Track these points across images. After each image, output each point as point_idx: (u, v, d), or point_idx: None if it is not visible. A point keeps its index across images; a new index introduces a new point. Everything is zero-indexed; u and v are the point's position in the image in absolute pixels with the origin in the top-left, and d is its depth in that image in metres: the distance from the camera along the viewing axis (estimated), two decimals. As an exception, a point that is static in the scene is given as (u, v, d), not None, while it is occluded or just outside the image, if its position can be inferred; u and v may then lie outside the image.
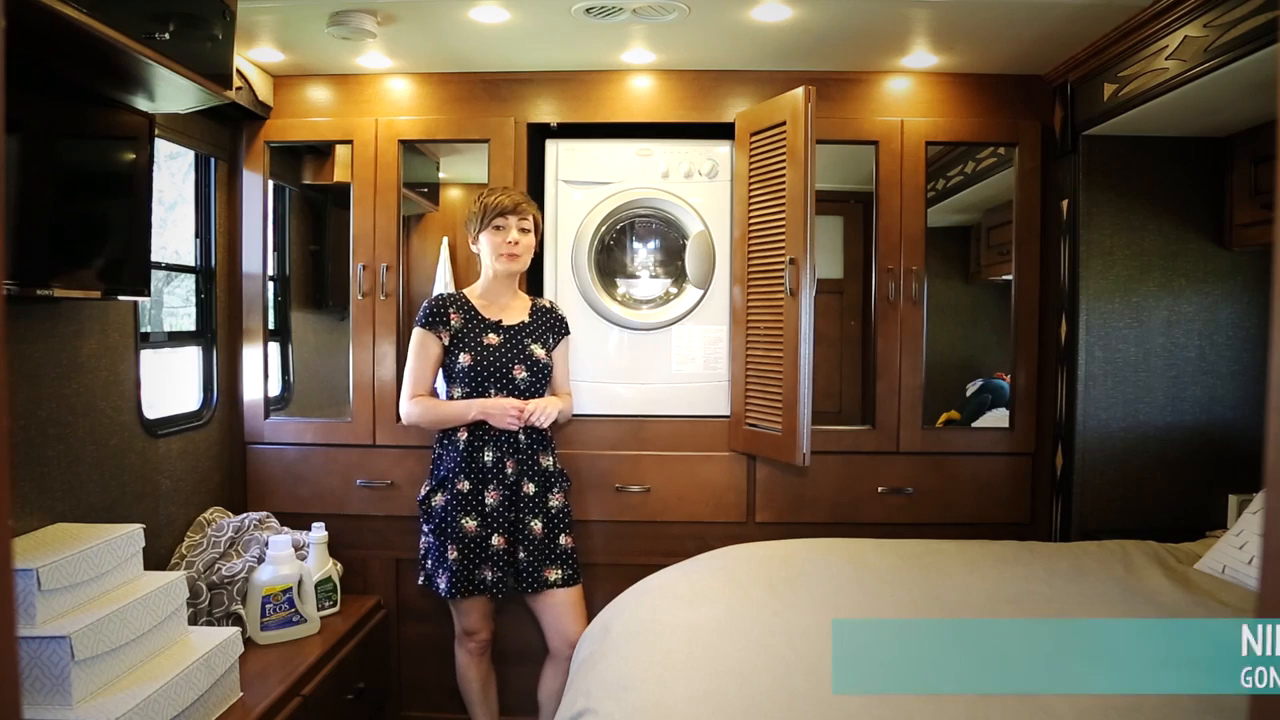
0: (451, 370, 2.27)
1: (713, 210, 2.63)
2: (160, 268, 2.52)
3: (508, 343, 2.28)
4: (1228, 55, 1.83)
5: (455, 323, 2.27)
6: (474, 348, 2.26)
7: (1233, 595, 1.93)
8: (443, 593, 2.25)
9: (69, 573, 1.62)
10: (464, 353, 2.25)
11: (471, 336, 2.27)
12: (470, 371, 2.25)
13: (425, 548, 2.31)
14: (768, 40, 2.37)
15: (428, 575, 2.31)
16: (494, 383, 2.25)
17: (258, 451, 2.71)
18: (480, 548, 2.24)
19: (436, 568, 2.27)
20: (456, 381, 2.27)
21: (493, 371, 2.25)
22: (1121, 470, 2.56)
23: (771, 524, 2.63)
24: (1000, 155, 2.76)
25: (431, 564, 2.29)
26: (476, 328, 2.28)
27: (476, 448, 2.25)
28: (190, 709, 1.74)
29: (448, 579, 2.24)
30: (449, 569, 2.23)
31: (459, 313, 2.28)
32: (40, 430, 1.89)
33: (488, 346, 2.27)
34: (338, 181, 2.86)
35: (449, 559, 2.23)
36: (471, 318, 2.29)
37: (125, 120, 1.96)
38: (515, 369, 2.27)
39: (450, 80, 2.66)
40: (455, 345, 2.26)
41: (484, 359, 2.25)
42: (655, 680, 1.60)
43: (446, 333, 2.27)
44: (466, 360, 2.25)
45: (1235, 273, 2.55)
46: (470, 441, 2.25)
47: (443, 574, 2.25)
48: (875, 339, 2.64)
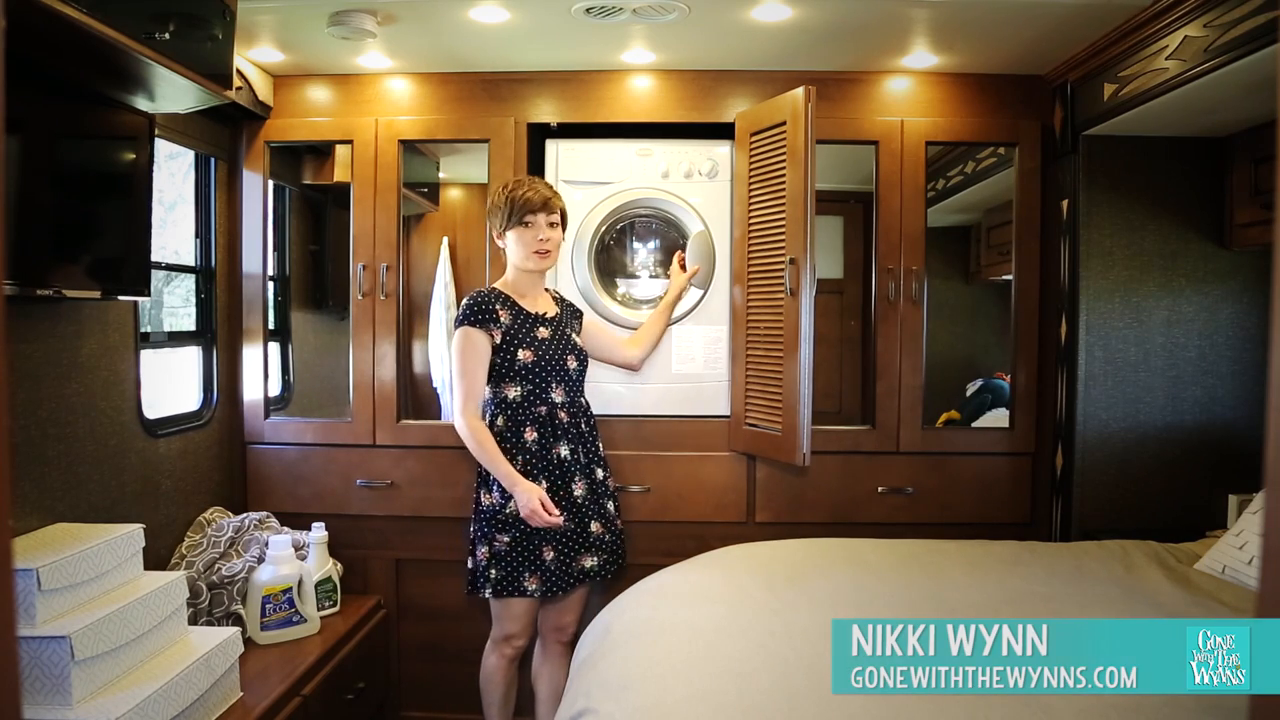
0: (509, 368, 2.19)
1: (713, 210, 2.63)
2: (160, 268, 2.52)
3: (556, 335, 2.25)
4: (1228, 55, 1.83)
5: (505, 319, 2.19)
6: (531, 343, 2.19)
7: (1233, 595, 1.93)
8: (533, 594, 2.18)
9: (69, 573, 1.62)
10: (522, 349, 2.18)
11: (525, 331, 2.20)
12: (533, 368, 2.18)
13: (490, 556, 2.18)
14: (768, 40, 2.37)
15: (502, 581, 2.17)
16: (554, 376, 2.21)
17: (258, 451, 2.71)
18: (580, 539, 2.21)
19: (522, 571, 2.16)
20: (515, 379, 2.19)
21: (552, 366, 2.21)
22: (1121, 470, 2.56)
23: (771, 524, 2.63)
24: (1000, 155, 2.76)
25: (508, 570, 2.16)
26: (526, 322, 2.21)
27: (547, 445, 2.20)
28: (190, 709, 1.74)
29: (541, 579, 2.17)
30: (544, 569, 2.17)
31: (505, 309, 2.20)
32: (40, 430, 1.89)
33: (543, 341, 2.21)
34: (338, 181, 2.86)
35: (545, 560, 2.17)
36: (519, 313, 2.22)
37: (125, 120, 1.96)
38: (568, 360, 2.24)
39: (450, 80, 2.66)
40: (510, 342, 2.18)
41: (543, 354, 2.20)
42: (655, 680, 1.60)
43: (498, 330, 2.18)
44: (528, 356, 2.18)
45: (1235, 273, 2.55)
46: (541, 440, 2.19)
47: (533, 576, 2.17)
48: (875, 339, 2.64)
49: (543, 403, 2.20)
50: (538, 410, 2.20)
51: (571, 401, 2.25)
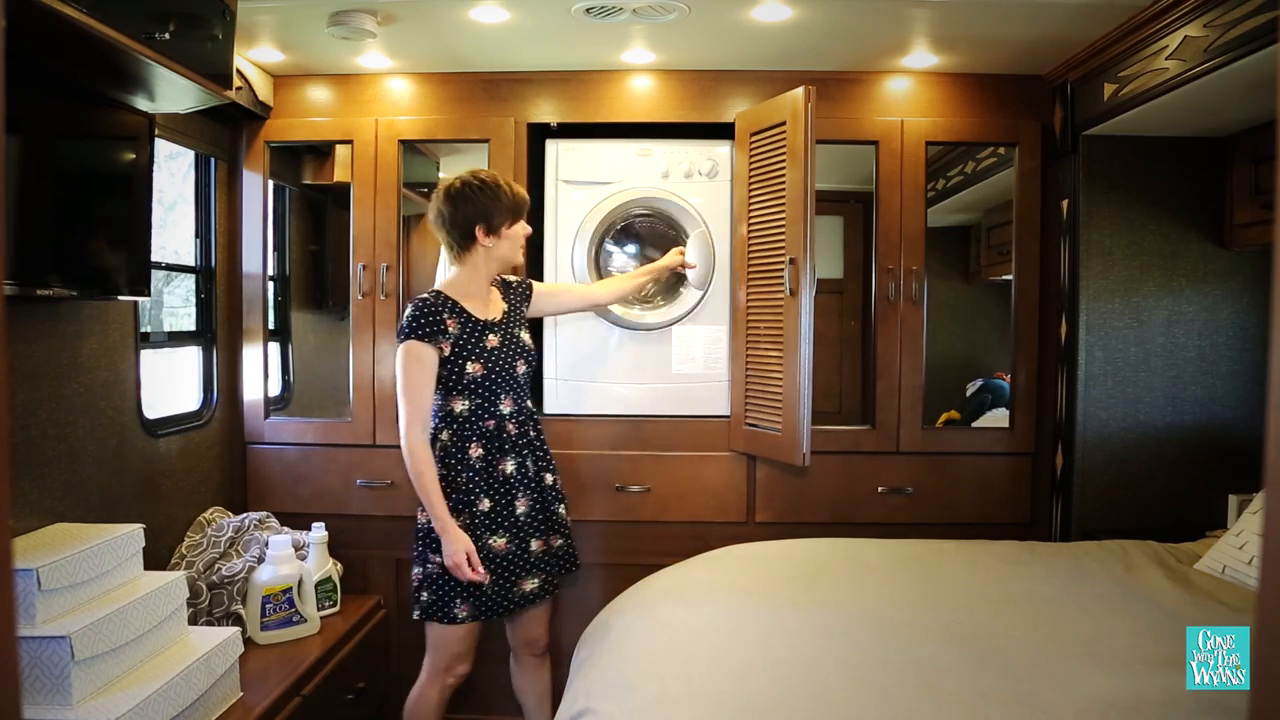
0: (456, 382, 2.04)
1: (713, 210, 2.62)
2: (160, 268, 2.52)
3: (505, 340, 2.10)
4: (1228, 55, 1.83)
5: (453, 329, 2.02)
6: (480, 355, 2.04)
7: (1233, 595, 1.93)
8: (465, 621, 2.03)
9: (69, 573, 1.62)
10: (471, 362, 2.03)
11: (474, 342, 2.04)
12: (483, 381, 2.05)
13: (425, 576, 2.05)
14: (768, 40, 2.37)
15: (432, 605, 2.04)
16: (503, 387, 2.08)
17: (258, 451, 2.71)
18: (518, 562, 2.09)
19: (453, 596, 2.02)
20: (463, 393, 2.04)
21: (501, 376, 2.07)
22: (1121, 470, 2.56)
23: (771, 524, 2.63)
24: (1000, 155, 2.77)
25: (439, 594, 2.03)
26: (475, 331, 2.06)
27: (493, 461, 2.07)
28: (190, 709, 1.74)
29: (474, 606, 2.03)
30: (478, 595, 2.03)
31: (454, 317, 2.03)
32: (40, 430, 1.89)
33: (492, 351, 2.07)
34: (338, 181, 2.86)
35: (479, 584, 2.03)
36: (467, 321, 2.05)
37: (125, 120, 1.96)
38: (517, 366, 2.12)
39: (450, 80, 2.66)
40: (458, 354, 2.02)
41: (492, 365, 2.06)
42: (655, 680, 1.60)
43: (447, 342, 2.01)
44: (477, 370, 2.04)
45: (1235, 273, 2.55)
46: (486, 457, 2.06)
47: (464, 602, 2.02)
48: (875, 339, 2.64)
49: (491, 416, 2.07)
50: (485, 425, 2.06)
51: (519, 410, 2.12)
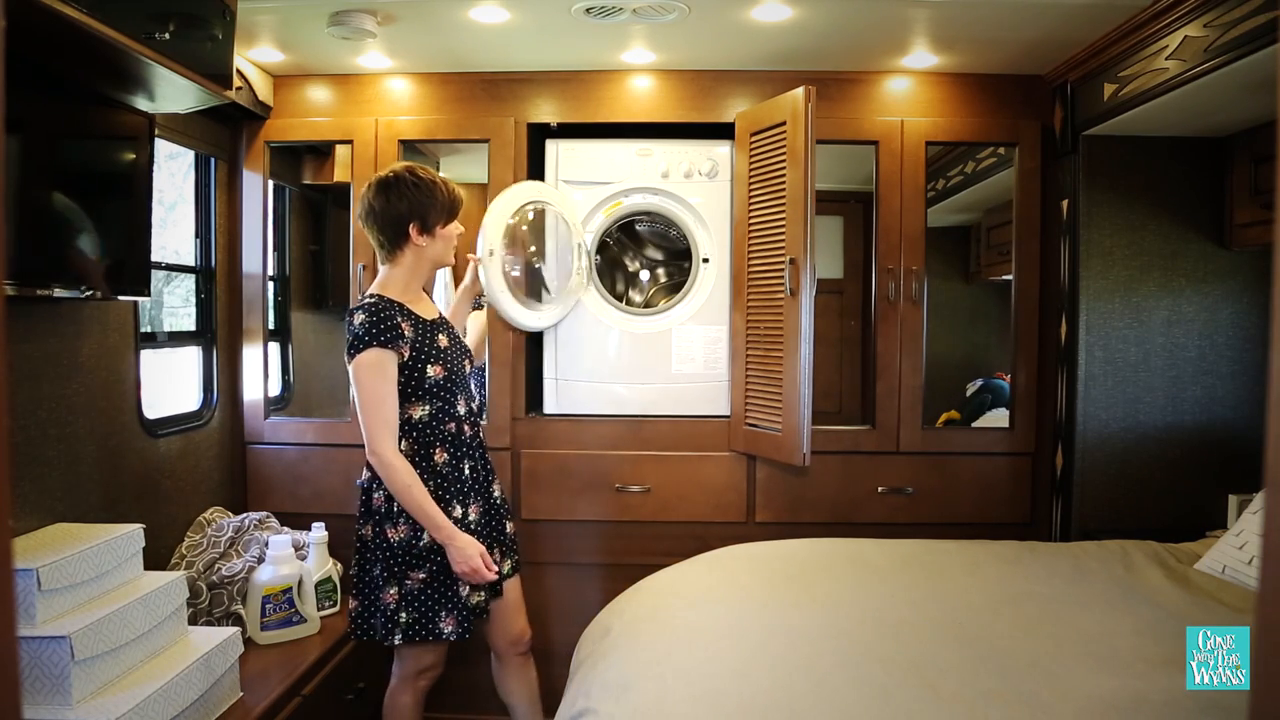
0: (416, 387, 1.94)
1: (713, 210, 2.63)
2: (160, 268, 2.52)
3: (452, 339, 2.05)
4: (1228, 55, 1.83)
5: (408, 333, 1.92)
6: (437, 356, 1.96)
7: (1233, 595, 1.93)
8: (449, 637, 1.94)
9: (69, 573, 1.62)
10: (431, 364, 1.94)
11: (428, 344, 1.95)
12: (444, 383, 1.96)
13: (405, 595, 1.93)
14: (768, 40, 2.37)
15: (414, 625, 1.93)
16: (460, 387, 2.02)
17: (258, 451, 2.71)
18: None
19: (438, 611, 1.93)
20: (423, 398, 1.95)
21: (458, 376, 2.01)
22: (1121, 470, 2.56)
23: (771, 524, 2.63)
24: (1000, 155, 2.77)
25: (422, 612, 1.93)
26: (427, 332, 1.96)
27: (455, 464, 2.00)
28: (190, 709, 1.74)
29: (458, 620, 1.94)
30: (462, 607, 1.94)
31: (406, 320, 1.92)
32: (40, 430, 1.89)
33: (445, 351, 1.99)
34: (338, 181, 2.86)
35: (462, 596, 1.94)
36: (418, 323, 1.95)
37: (125, 120, 1.96)
38: (465, 364, 2.07)
39: (450, 80, 2.66)
40: (417, 358, 1.93)
41: (449, 366, 1.98)
42: (655, 680, 1.60)
43: (406, 346, 1.90)
44: (438, 372, 1.95)
45: (1235, 273, 2.55)
46: (451, 460, 1.98)
47: (449, 616, 1.93)
48: (875, 339, 2.64)
49: (450, 419, 1.99)
50: (446, 428, 1.98)
51: (469, 410, 2.06)
